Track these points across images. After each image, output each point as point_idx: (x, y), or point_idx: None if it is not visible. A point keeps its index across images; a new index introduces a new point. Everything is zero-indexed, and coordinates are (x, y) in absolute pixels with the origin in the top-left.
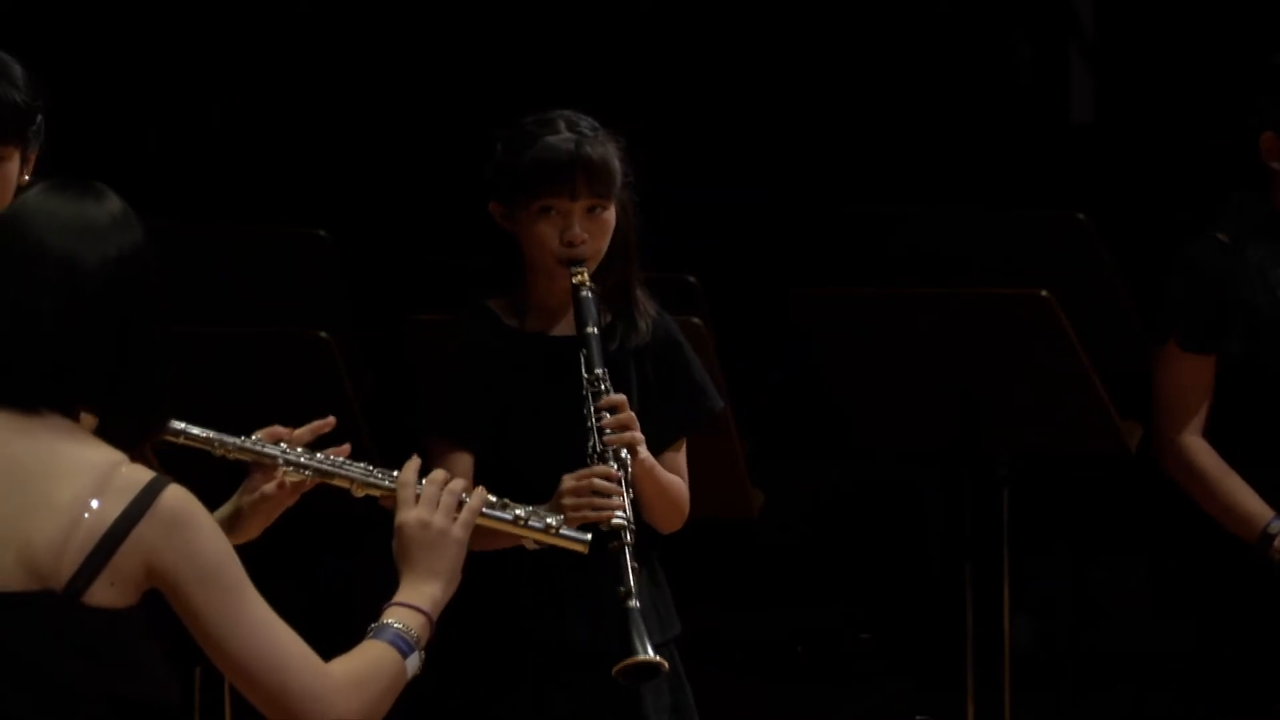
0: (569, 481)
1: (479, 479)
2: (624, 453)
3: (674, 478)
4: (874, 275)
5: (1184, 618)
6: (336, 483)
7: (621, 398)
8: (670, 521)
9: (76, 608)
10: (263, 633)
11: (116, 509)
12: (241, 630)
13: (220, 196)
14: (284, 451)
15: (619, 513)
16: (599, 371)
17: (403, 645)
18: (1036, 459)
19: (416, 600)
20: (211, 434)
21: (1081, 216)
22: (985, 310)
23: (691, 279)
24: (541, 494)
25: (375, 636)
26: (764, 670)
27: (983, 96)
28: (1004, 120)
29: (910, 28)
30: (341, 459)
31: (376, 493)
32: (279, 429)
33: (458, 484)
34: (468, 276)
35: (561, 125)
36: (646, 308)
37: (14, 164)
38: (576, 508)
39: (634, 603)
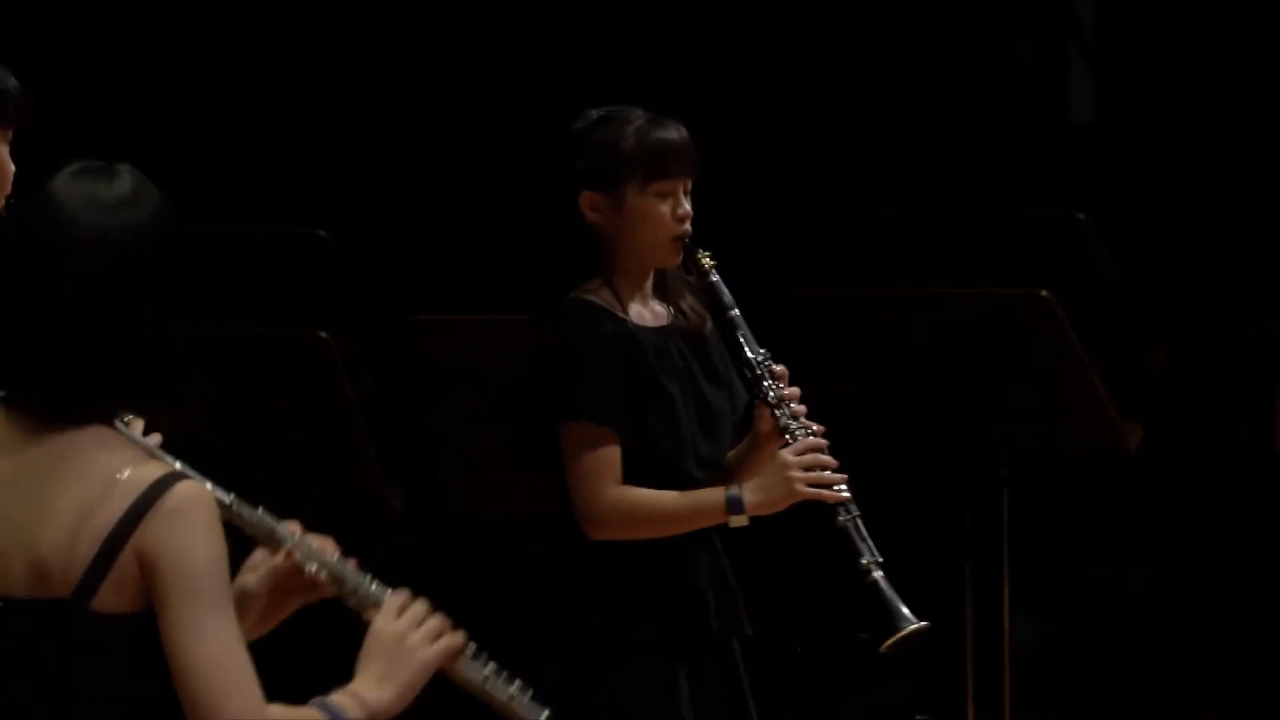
0: (790, 456)
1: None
2: (814, 426)
3: None
4: (874, 275)
5: (1184, 618)
6: (336, 589)
7: (785, 369)
8: None
9: (85, 614)
10: (221, 652)
11: (118, 513)
12: (202, 641)
13: (220, 196)
14: (295, 539)
15: (842, 487)
16: (762, 351)
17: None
18: (1036, 459)
19: (365, 694)
20: (233, 499)
21: (1081, 216)
22: (985, 310)
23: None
24: (679, 473)
25: (316, 705)
26: (764, 670)
27: (983, 96)
28: (1004, 120)
29: (910, 28)
30: (347, 563)
31: (368, 605)
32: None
33: (445, 620)
34: (495, 275)
35: (648, 113)
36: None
37: (6, 147)
38: (807, 482)
39: (880, 574)
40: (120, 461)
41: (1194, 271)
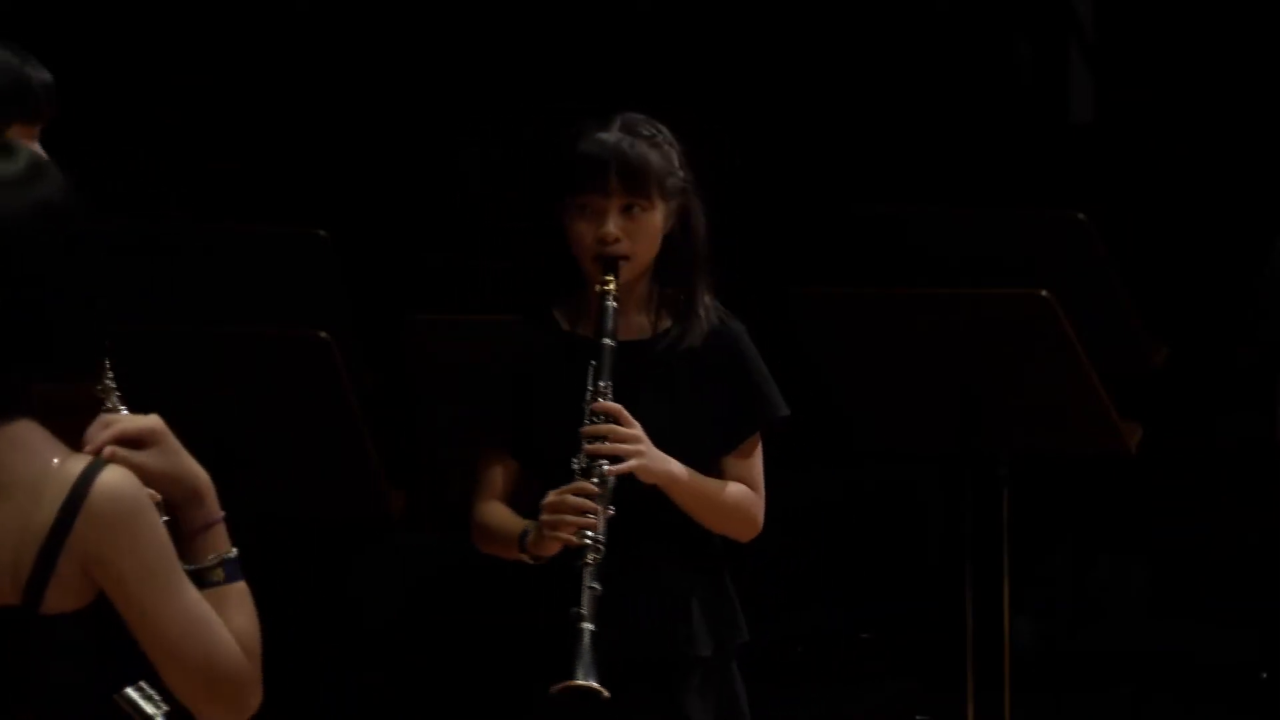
0: (550, 497)
1: (537, 484)
2: (604, 465)
3: (725, 484)
4: (874, 275)
5: (1184, 618)
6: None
7: (618, 407)
8: (732, 528)
9: (36, 620)
10: (196, 616)
11: (51, 515)
12: (179, 615)
13: (220, 196)
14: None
15: (588, 532)
16: (603, 384)
17: None
18: (1036, 459)
19: None
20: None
21: (1081, 216)
22: (985, 310)
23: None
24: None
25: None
26: (764, 670)
27: (983, 96)
28: (1004, 120)
29: (910, 28)
30: None
31: None
32: None
33: None
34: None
35: (615, 123)
36: (708, 315)
37: (37, 144)
38: (551, 525)
39: (588, 625)
40: (42, 463)
41: (1194, 271)
